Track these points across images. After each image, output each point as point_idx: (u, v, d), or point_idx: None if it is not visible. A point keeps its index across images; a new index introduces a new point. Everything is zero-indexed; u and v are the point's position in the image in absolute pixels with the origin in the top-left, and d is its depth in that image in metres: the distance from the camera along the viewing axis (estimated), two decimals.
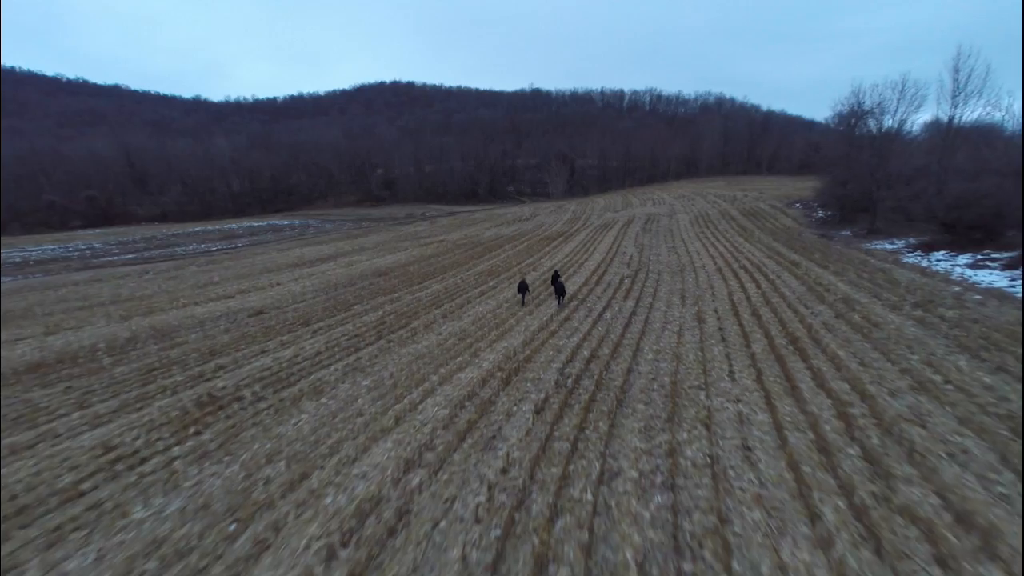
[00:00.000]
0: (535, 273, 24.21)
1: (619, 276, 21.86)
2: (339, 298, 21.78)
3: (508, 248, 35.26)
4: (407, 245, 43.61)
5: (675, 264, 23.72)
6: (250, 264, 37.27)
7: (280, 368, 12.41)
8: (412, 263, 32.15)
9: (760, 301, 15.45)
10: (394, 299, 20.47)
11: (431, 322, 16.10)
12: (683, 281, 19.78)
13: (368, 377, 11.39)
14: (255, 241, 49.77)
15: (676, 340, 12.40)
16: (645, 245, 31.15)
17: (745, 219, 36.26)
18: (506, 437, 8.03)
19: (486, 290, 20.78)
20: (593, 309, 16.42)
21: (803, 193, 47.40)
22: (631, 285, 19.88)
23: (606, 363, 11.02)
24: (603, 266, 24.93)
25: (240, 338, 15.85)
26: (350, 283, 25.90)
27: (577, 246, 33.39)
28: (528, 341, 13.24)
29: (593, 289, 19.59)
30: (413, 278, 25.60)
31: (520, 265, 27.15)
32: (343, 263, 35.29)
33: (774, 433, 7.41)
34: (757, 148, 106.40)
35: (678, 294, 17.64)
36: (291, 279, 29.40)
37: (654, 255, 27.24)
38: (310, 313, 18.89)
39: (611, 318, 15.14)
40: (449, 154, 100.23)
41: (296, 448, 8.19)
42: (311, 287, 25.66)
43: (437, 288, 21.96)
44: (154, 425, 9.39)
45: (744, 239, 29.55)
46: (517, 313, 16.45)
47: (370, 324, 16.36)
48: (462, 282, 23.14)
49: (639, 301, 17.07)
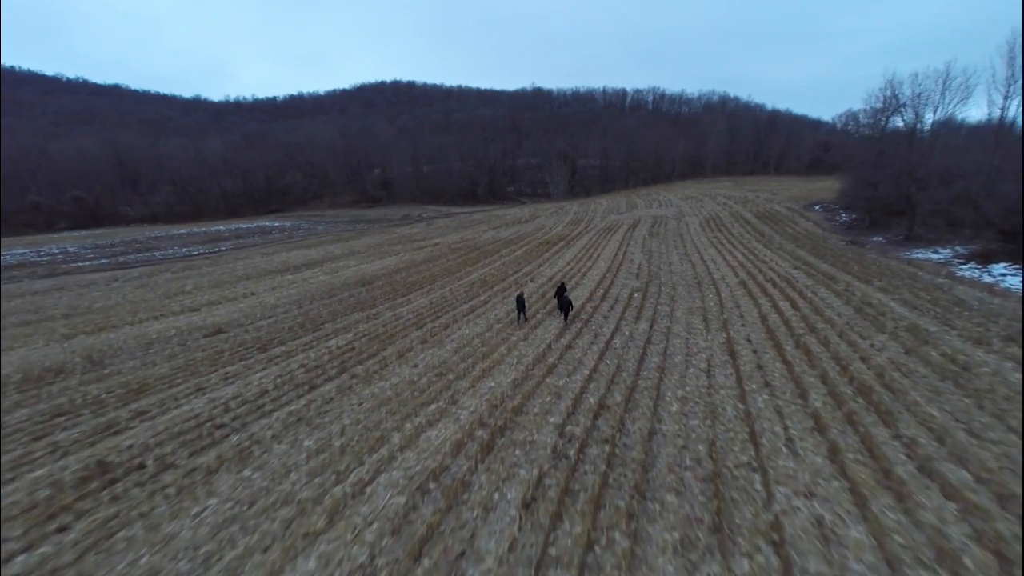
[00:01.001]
0: (533, 285, 21.69)
1: (628, 289, 19.32)
2: (312, 313, 19.31)
3: (505, 253, 32.75)
4: (399, 249, 41.16)
5: (690, 275, 21.15)
6: (230, 270, 34.86)
7: (210, 416, 9.92)
8: (401, 270, 29.71)
9: (801, 327, 12.88)
10: (372, 316, 17.99)
11: (407, 349, 13.59)
12: (703, 297, 17.22)
13: (314, 434, 8.89)
14: (241, 244, 47.37)
15: (706, 383, 9.86)
16: (654, 251, 28.58)
17: (761, 223, 33.62)
18: (480, 555, 5.52)
19: (476, 306, 18.27)
20: (599, 333, 13.89)
21: (820, 194, 44.72)
22: (642, 301, 17.33)
23: (619, 419, 8.49)
24: (609, 276, 22.39)
25: (182, 368, 13.38)
26: (329, 294, 23.46)
27: (579, 252, 30.85)
28: (520, 379, 10.72)
29: (599, 306, 17.05)
30: (398, 289, 23.13)
31: (516, 274, 24.63)
32: (328, 269, 32.88)
33: (884, 569, 4.86)
34: (764, 147, 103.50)
35: (699, 314, 15.09)
36: (268, 288, 26.98)
37: (665, 263, 24.68)
38: (273, 333, 16.42)
39: (622, 346, 12.60)
40: (448, 154, 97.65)
41: (178, 569, 5.69)
42: (286, 298, 23.24)
43: (422, 303, 19.46)
44: (7, 516, 6.89)
45: (763, 245, 26.94)
46: (509, 338, 13.93)
47: (336, 351, 13.87)
48: (451, 295, 20.64)
49: (654, 323, 14.53)
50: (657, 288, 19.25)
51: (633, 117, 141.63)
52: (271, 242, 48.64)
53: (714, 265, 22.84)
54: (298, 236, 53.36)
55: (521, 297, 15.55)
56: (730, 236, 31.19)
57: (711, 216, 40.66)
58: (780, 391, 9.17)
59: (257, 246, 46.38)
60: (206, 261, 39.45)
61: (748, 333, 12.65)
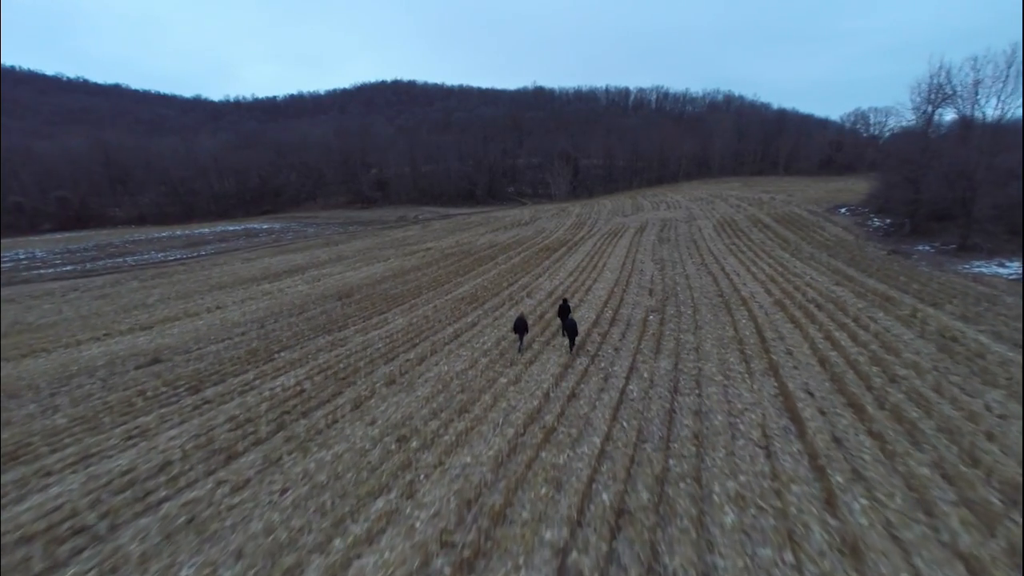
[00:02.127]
0: (531, 301, 18.83)
1: (642, 309, 16.44)
2: (273, 335, 16.55)
3: (501, 261, 29.92)
4: (390, 254, 38.42)
5: (712, 291, 18.23)
6: (204, 278, 32.15)
7: (72, 512, 7.10)
8: (387, 279, 26.96)
9: (877, 373, 9.95)
10: (338, 342, 15.20)
11: (367, 395, 10.76)
12: (734, 323, 14.32)
13: (199, 555, 6.04)
14: (224, 249, 44.68)
15: (767, 469, 6.98)
16: (666, 260, 25.67)
17: (783, 227, 30.62)
18: None
19: (462, 329, 15.43)
20: (611, 374, 11.03)
21: (842, 196, 41.69)
22: (659, 326, 14.45)
23: (649, 543, 5.62)
24: (618, 291, 19.52)
25: (84, 419, 10.60)
26: (301, 309, 20.73)
27: (583, 260, 27.97)
28: (507, 453, 7.90)
29: (608, 332, 14.18)
30: (377, 303, 20.37)
31: (511, 287, 21.79)
32: (309, 278, 30.18)
33: None
34: (772, 147, 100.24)
35: (734, 348, 12.19)
36: (238, 300, 24.28)
37: (681, 275, 21.78)
38: (217, 365, 13.63)
39: (640, 397, 9.74)
40: (446, 153, 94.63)
41: None
42: (252, 314, 20.53)
43: (399, 324, 16.64)
44: None
45: (791, 255, 23.97)
46: (497, 380, 11.09)
47: (281, 395, 11.05)
48: (434, 313, 17.81)
49: (678, 360, 11.65)
50: (676, 308, 16.36)
51: (636, 116, 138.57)
52: (256, 246, 45.94)
53: (738, 279, 19.91)
54: (286, 239, 50.66)
55: (522, 320, 12.87)
56: (750, 243, 28.24)
57: (725, 219, 37.68)
58: (884, 491, 6.27)
59: (240, 250, 43.69)
60: (181, 268, 36.77)
61: (806, 381, 9.75)
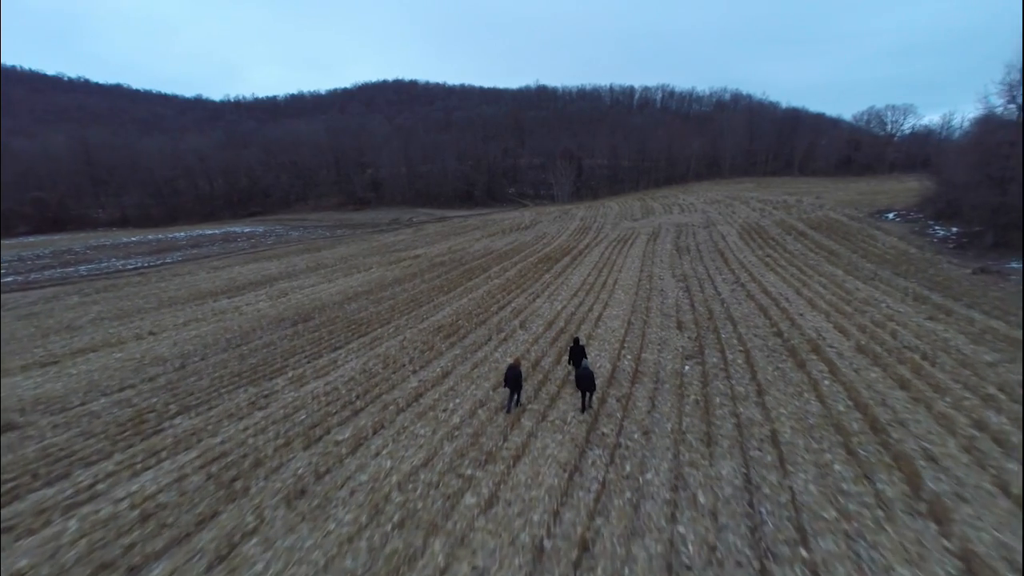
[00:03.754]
0: (524, 337, 14.61)
1: (673, 354, 12.20)
2: (184, 385, 12.46)
3: (495, 273, 25.76)
4: (373, 262, 34.37)
5: (762, 325, 13.96)
6: (156, 292, 28.12)
7: None
8: (360, 295, 22.91)
9: None
10: (261, 398, 11.08)
11: (247, 531, 6.59)
12: (812, 383, 10.07)
13: None
14: (193, 256, 40.72)
15: None
16: (690, 276, 21.41)
17: (822, 236, 26.22)
18: None
19: (429, 384, 11.23)
20: (644, 492, 6.83)
21: (879, 199, 37.19)
22: (703, 386, 10.22)
23: None
24: (636, 321, 15.29)
25: None
26: (244, 338, 16.72)
27: (589, 274, 23.75)
28: None
29: (631, 395, 9.97)
30: (336, 332, 16.31)
31: (502, 311, 17.59)
32: (275, 292, 26.16)
33: None
34: (787, 146, 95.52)
35: (830, 438, 7.96)
36: (180, 324, 20.24)
37: (714, 298, 17.53)
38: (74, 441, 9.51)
39: (700, 560, 5.54)
40: (444, 152, 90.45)
41: None
42: (183, 345, 16.55)
43: (351, 369, 12.49)
44: None
45: (845, 272, 19.60)
46: (462, 500, 6.91)
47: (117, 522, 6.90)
48: (400, 352, 13.66)
49: (747, 463, 7.43)
50: (719, 352, 12.10)
51: (641, 115, 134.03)
52: (230, 252, 41.96)
53: (790, 306, 15.59)
54: (265, 244, 46.69)
55: (516, 371, 9.08)
56: (788, 255, 23.90)
57: (750, 225, 33.31)
58: None
59: (211, 258, 39.72)
60: (137, 279, 32.78)
61: (997, 535, 5.50)
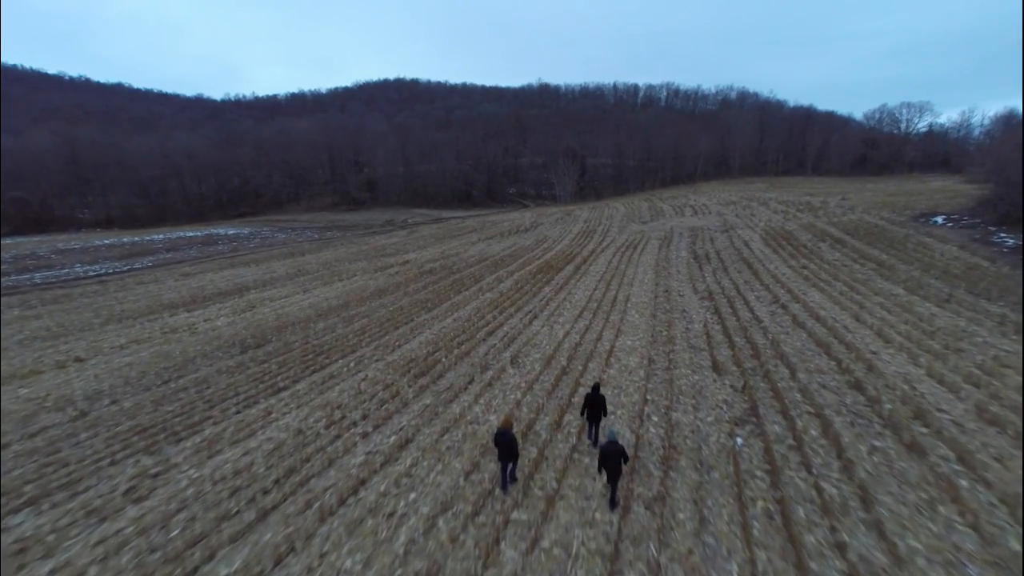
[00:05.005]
0: (513, 378, 11.41)
1: (714, 414, 8.99)
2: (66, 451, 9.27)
3: (487, 285, 22.58)
4: (357, 269, 31.28)
5: (829, 371, 10.69)
6: (111, 304, 25.01)
7: None
8: (331, 312, 19.84)
9: None
10: (155, 474, 7.92)
11: None
12: (937, 480, 6.86)
13: None
14: (165, 260, 37.72)
15: None
16: (716, 292, 18.15)
17: (863, 243, 22.77)
18: None
19: (379, 460, 8.04)
20: None
21: (915, 200, 33.81)
22: (771, 474, 7.01)
23: None
24: (659, 358, 12.07)
25: None
26: (178, 370, 13.65)
27: (595, 288, 20.53)
28: None
29: (664, 488, 6.75)
30: (286, 366, 13.18)
31: (490, 338, 14.37)
32: (243, 304, 23.15)
33: None
34: (798, 145, 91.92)
35: None
36: (119, 345, 17.18)
37: (753, 325, 14.28)
38: None
39: None
40: (443, 151, 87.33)
41: None
42: (105, 379, 13.53)
43: (285, 428, 9.30)
44: None
45: (905, 289, 16.28)
46: None
47: None
48: (355, 399, 10.49)
49: None
50: (780, 415, 8.85)
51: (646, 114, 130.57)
52: (207, 256, 38.95)
53: (854, 337, 12.29)
54: (247, 248, 43.67)
55: (507, 436, 6.11)
56: (826, 266, 20.59)
57: (775, 230, 29.96)
58: None
59: (184, 263, 36.71)
60: (97, 287, 29.73)
61: None
